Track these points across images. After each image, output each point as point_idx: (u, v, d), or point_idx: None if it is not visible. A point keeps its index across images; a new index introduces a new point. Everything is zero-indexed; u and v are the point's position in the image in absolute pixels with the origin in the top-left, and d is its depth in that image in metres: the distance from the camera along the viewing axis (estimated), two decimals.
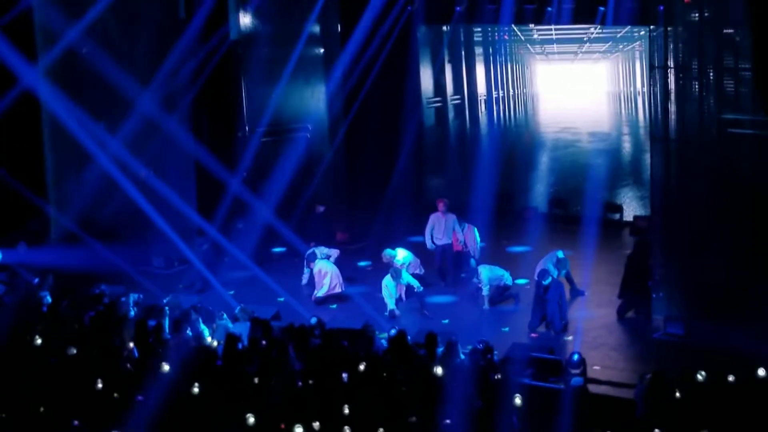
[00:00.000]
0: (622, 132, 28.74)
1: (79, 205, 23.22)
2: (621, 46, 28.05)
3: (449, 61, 30.31)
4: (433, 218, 22.67)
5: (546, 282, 19.58)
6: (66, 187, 24.43)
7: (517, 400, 14.33)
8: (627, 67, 28.98)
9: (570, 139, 29.42)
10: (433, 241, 22.66)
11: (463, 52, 30.64)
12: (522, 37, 30.03)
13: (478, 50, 30.83)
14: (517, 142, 30.94)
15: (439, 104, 30.00)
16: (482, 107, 30.89)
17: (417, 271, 22.05)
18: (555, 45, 29.38)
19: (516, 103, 31.29)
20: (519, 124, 31.26)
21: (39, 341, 16.95)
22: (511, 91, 31.28)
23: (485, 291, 20.99)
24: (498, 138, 30.55)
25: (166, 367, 15.46)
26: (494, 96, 30.76)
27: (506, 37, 29.93)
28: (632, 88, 29.27)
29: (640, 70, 29.15)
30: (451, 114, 30.54)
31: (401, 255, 22.03)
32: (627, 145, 28.55)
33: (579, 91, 29.41)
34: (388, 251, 21.93)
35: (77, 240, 23.21)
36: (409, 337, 16.68)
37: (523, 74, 31.12)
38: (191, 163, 25.47)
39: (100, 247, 22.84)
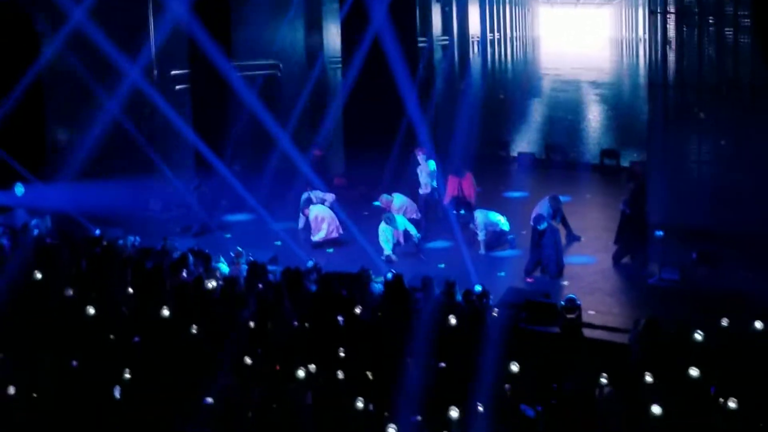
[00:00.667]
0: (622, 78, 28.64)
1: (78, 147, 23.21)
2: None
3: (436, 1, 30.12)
4: (418, 169, 23.06)
5: (541, 227, 19.62)
6: (64, 128, 24.32)
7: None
8: (630, 13, 28.79)
9: (569, 85, 29.31)
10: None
11: None
12: None
13: None
14: (513, 86, 30.78)
15: (424, 44, 29.86)
16: (475, 49, 30.66)
17: (414, 216, 22.08)
18: None
19: (514, 46, 31.00)
20: (516, 68, 31.03)
21: (39, 276, 17.05)
22: (508, 33, 30.98)
23: (481, 236, 21.03)
24: (492, 82, 30.40)
25: (165, 311, 15.55)
26: (488, 38, 30.52)
27: None
28: (634, 35, 29.11)
29: (642, 16, 28.96)
30: (437, 55, 30.28)
31: (398, 201, 22.05)
32: (626, 92, 28.46)
33: (581, 36, 29.22)
34: (385, 196, 21.97)
35: (75, 181, 23.25)
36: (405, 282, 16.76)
37: (523, 16, 30.80)
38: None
39: (98, 189, 22.86)
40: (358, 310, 15.75)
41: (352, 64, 25.95)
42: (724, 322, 14.79)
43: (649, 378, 13.32)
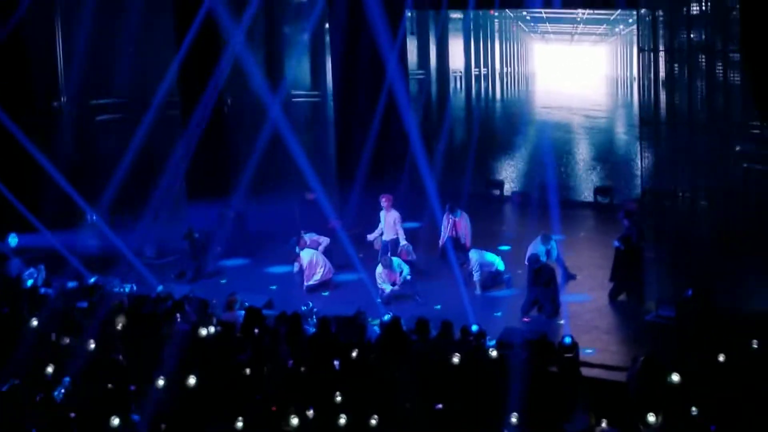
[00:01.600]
0: (615, 116, 28.65)
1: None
2: (618, 29, 27.90)
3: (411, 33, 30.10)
4: (381, 215, 22.59)
5: (536, 267, 19.63)
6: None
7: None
8: (624, 51, 28.83)
9: (562, 123, 29.35)
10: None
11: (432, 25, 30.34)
12: (512, 15, 29.73)
13: (455, 24, 30.51)
14: (504, 124, 30.76)
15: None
16: (458, 84, 30.58)
17: (409, 258, 22.06)
18: (548, 24, 29.21)
19: (504, 82, 30.89)
20: (508, 105, 31.00)
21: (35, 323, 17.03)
22: (498, 68, 30.79)
23: (476, 276, 21.02)
24: (482, 119, 30.40)
25: (158, 357, 15.49)
26: (474, 73, 30.46)
27: (493, 12, 29.67)
28: (629, 73, 29.15)
29: (636, 54, 28.91)
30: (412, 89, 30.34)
31: None
32: (620, 129, 28.48)
33: (576, 73, 29.20)
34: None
35: (69, 229, 23.27)
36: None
37: (515, 52, 30.68)
38: None
39: (92, 237, 22.85)
40: (354, 354, 15.70)
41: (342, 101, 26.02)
42: (721, 357, 14.79)
43: (651, 418, 13.27)
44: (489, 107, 30.84)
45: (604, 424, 13.39)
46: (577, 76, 29.18)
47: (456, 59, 30.59)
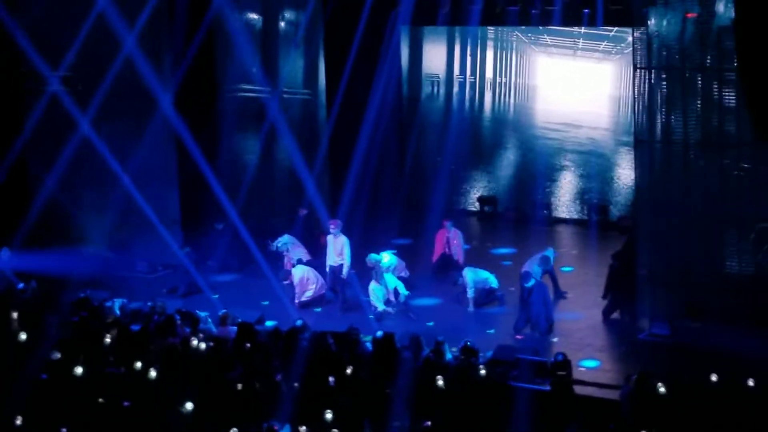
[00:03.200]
0: (614, 133, 28.63)
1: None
2: (621, 47, 27.85)
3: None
4: (328, 239, 21.99)
5: (528, 285, 19.61)
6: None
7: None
8: (627, 70, 28.82)
9: (559, 139, 29.35)
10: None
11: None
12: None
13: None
14: (499, 138, 30.65)
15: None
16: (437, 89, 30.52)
17: (402, 274, 22.01)
18: (547, 37, 29.11)
19: (501, 92, 30.57)
20: (504, 117, 30.77)
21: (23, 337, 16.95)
22: (491, 77, 30.52)
23: (470, 293, 20.99)
24: (474, 131, 30.34)
25: (152, 373, 15.43)
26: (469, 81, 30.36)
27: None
28: (631, 92, 29.16)
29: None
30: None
31: (386, 258, 21.94)
32: (618, 147, 28.47)
33: (578, 90, 29.13)
34: (372, 256, 21.78)
35: (61, 245, 23.21)
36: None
37: (515, 62, 30.37)
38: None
39: (84, 252, 22.80)
40: (349, 371, 15.65)
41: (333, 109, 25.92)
42: (714, 377, 14.77)
43: None
44: (482, 118, 30.72)
45: None
46: (580, 93, 29.14)
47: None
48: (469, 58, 30.38)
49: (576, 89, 29.26)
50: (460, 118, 30.31)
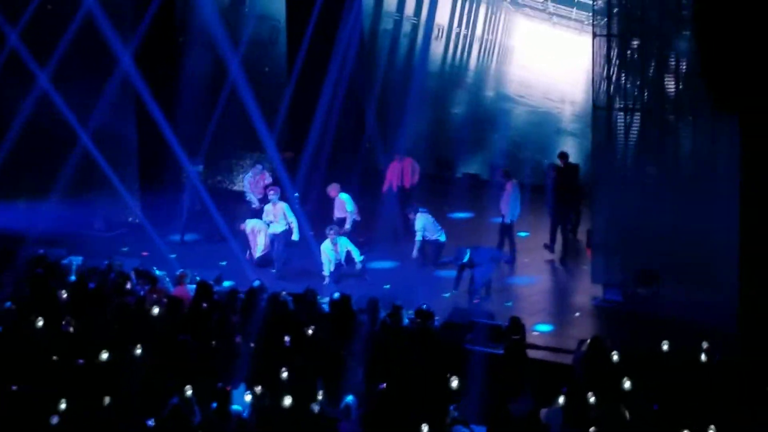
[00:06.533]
0: (582, 103, 28.47)
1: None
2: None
3: None
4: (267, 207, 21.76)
5: (464, 260, 19.61)
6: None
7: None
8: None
9: (525, 104, 29.24)
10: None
11: None
12: None
13: None
14: (464, 99, 30.34)
15: None
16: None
17: (356, 218, 21.92)
18: None
19: (462, 45, 29.84)
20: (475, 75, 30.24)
21: None
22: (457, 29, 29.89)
23: (418, 237, 20.97)
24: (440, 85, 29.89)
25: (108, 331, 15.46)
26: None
27: None
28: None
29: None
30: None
31: (344, 198, 21.92)
32: (580, 115, 28.33)
33: (554, 58, 28.94)
34: (342, 194, 21.74)
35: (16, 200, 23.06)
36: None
37: (492, 17, 29.57)
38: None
39: (41, 209, 22.66)
40: (310, 331, 15.70)
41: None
42: (665, 345, 14.97)
43: (592, 398, 13.45)
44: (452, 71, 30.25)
45: (561, 400, 13.56)
46: (555, 62, 28.99)
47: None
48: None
49: (553, 58, 29.12)
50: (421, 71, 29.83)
